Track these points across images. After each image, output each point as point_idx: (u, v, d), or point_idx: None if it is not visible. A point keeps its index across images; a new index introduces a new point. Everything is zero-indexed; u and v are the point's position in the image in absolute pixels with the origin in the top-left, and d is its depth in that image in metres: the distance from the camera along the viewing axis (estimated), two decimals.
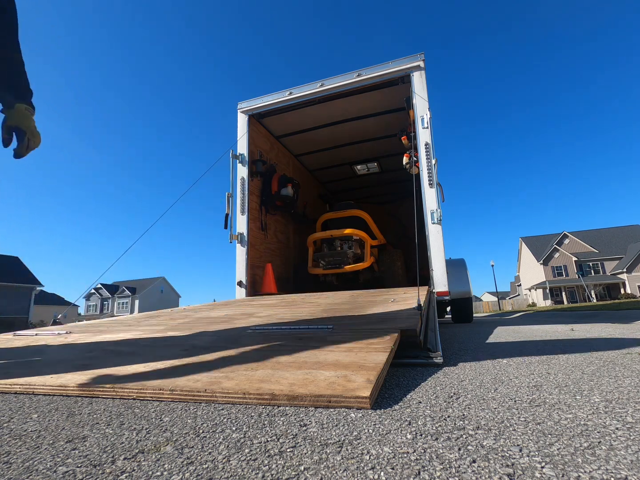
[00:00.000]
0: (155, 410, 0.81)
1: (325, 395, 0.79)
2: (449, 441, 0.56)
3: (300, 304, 2.65)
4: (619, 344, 1.82)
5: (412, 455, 0.51)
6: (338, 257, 4.39)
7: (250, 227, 4.27)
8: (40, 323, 22.70)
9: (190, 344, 1.42)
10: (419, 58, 3.79)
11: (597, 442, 0.54)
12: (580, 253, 40.24)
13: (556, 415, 0.68)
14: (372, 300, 2.44)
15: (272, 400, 0.82)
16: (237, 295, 4.04)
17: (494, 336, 2.60)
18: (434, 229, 3.30)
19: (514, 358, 1.45)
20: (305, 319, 1.89)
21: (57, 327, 2.26)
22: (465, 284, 5.13)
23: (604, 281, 37.88)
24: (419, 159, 3.58)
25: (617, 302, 15.90)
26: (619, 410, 0.70)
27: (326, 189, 7.41)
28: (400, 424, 0.65)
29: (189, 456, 0.53)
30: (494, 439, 0.57)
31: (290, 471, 0.47)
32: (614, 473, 0.44)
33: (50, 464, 0.52)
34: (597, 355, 1.45)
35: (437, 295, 3.10)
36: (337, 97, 4.40)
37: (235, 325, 1.84)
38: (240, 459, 0.51)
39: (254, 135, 4.64)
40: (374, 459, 0.50)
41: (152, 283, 46.16)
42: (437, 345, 1.44)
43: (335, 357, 1.09)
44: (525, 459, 0.49)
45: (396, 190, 7.25)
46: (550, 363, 1.29)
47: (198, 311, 2.66)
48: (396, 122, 4.96)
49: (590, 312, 7.59)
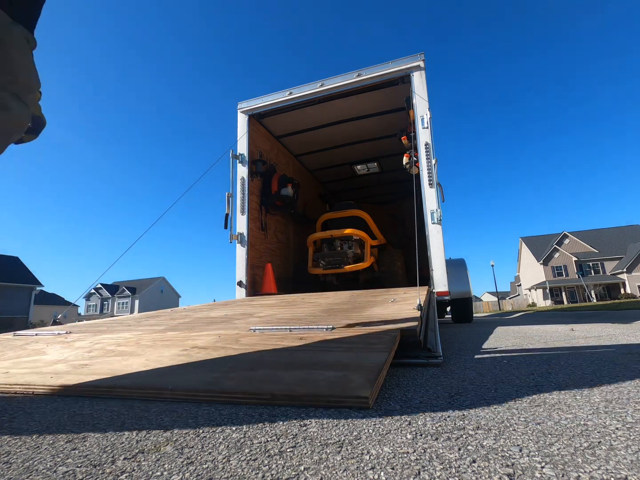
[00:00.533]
0: (156, 410, 0.81)
1: (325, 395, 0.79)
2: (449, 441, 0.56)
3: (300, 304, 2.65)
4: (619, 344, 1.82)
5: (412, 455, 0.51)
6: (338, 257, 4.39)
7: (250, 227, 4.27)
8: (40, 323, 22.69)
9: (190, 344, 1.42)
10: (419, 58, 3.79)
11: (597, 442, 0.54)
12: (580, 253, 40.24)
13: (556, 415, 0.68)
14: (372, 300, 2.44)
15: (272, 400, 0.82)
16: (237, 295, 4.04)
17: (494, 336, 2.60)
18: (434, 229, 3.30)
19: (514, 358, 1.45)
20: (305, 319, 1.89)
21: (57, 327, 2.26)
22: (465, 284, 5.13)
23: (604, 281, 37.88)
24: (419, 159, 3.58)
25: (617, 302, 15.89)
26: (619, 410, 0.70)
27: (326, 189, 7.41)
28: (401, 424, 0.65)
29: (189, 456, 0.53)
30: (494, 439, 0.57)
31: (290, 471, 0.47)
32: (614, 473, 0.44)
33: (50, 464, 0.52)
34: (597, 355, 1.45)
35: (437, 295, 3.10)
36: (337, 97, 4.40)
37: (235, 325, 1.84)
38: (241, 459, 0.51)
39: (254, 135, 4.64)
40: (374, 459, 0.50)
41: (152, 283, 46.15)
42: (437, 345, 1.44)
43: (335, 357, 1.09)
44: (525, 459, 0.49)
45: (396, 190, 7.24)
46: (550, 363, 1.29)
47: (198, 311, 2.66)
48: (396, 122, 4.95)
49: (590, 312, 7.59)
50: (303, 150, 5.87)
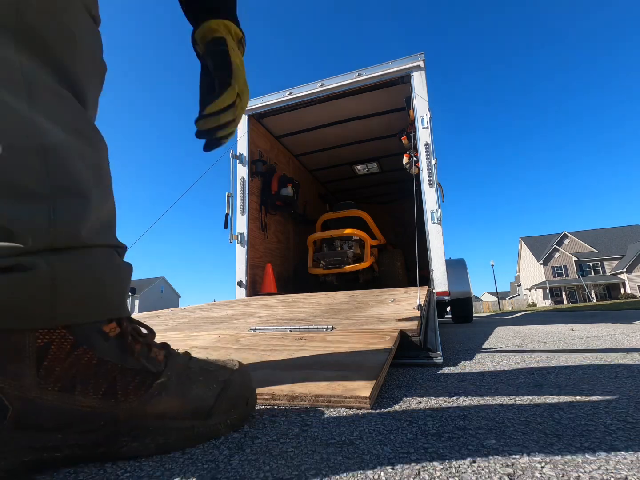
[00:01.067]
0: None
1: (325, 395, 0.79)
2: (449, 441, 0.56)
3: (300, 304, 2.65)
4: (620, 344, 1.83)
5: (412, 455, 0.51)
6: (338, 257, 4.40)
7: (250, 227, 4.28)
8: None
9: (190, 344, 1.42)
10: (419, 58, 3.79)
11: (597, 442, 0.54)
12: (580, 253, 40.23)
13: (557, 415, 0.68)
14: (372, 300, 2.44)
15: (272, 400, 0.82)
16: (237, 296, 4.04)
17: (494, 336, 2.60)
18: (434, 229, 3.30)
19: (514, 358, 1.45)
20: (305, 319, 1.89)
21: None
22: (465, 284, 5.13)
23: (604, 281, 37.88)
24: (419, 159, 3.58)
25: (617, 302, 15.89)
26: (619, 410, 0.70)
27: (326, 189, 7.41)
28: (401, 424, 0.65)
29: (190, 456, 0.53)
30: (494, 438, 0.57)
31: (291, 471, 0.47)
32: (614, 473, 0.44)
33: None
34: (598, 355, 1.45)
35: (437, 295, 3.10)
36: (337, 97, 4.41)
37: (235, 325, 1.84)
38: (242, 459, 0.51)
39: (253, 135, 4.64)
40: (374, 458, 0.50)
41: (152, 283, 46.12)
42: (437, 345, 1.44)
43: (335, 357, 1.09)
44: (525, 459, 0.49)
45: (396, 190, 7.24)
46: (550, 363, 1.29)
47: (198, 311, 2.66)
48: (396, 122, 4.96)
49: (590, 312, 7.59)
50: (303, 150, 5.87)
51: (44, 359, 0.46)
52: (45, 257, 0.45)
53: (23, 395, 0.44)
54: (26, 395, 0.44)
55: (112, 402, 0.49)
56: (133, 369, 0.52)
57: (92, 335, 0.50)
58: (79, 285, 0.48)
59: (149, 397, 0.52)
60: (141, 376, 0.53)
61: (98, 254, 0.52)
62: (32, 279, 0.44)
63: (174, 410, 0.54)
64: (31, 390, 0.45)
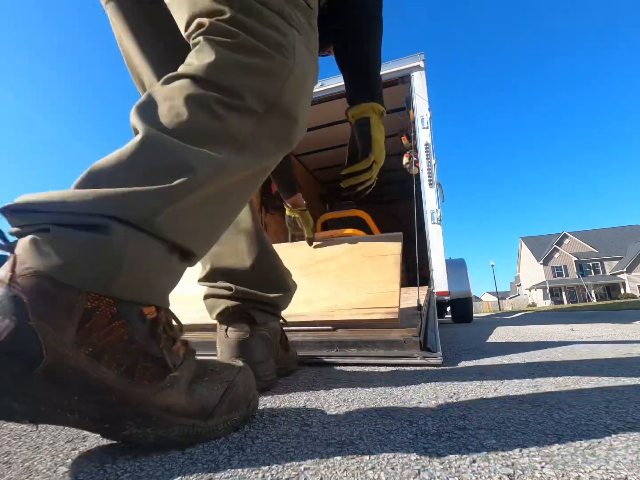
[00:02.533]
0: None
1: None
2: (449, 441, 0.56)
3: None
4: (620, 343, 1.82)
5: (412, 455, 0.51)
6: None
7: None
8: None
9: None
10: (418, 58, 3.79)
11: (597, 442, 0.54)
12: (580, 253, 40.21)
13: (557, 415, 0.68)
14: None
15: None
16: None
17: (494, 336, 2.60)
18: (434, 229, 3.30)
19: (514, 358, 1.45)
20: (305, 320, 1.89)
21: None
22: (465, 284, 5.12)
23: (604, 281, 37.88)
24: (419, 159, 3.58)
25: (617, 302, 15.88)
26: (619, 410, 0.70)
27: (326, 189, 7.41)
28: (401, 424, 0.65)
29: (190, 456, 0.53)
30: (494, 438, 0.57)
31: (290, 471, 0.47)
32: (614, 473, 0.44)
33: (50, 464, 0.52)
34: (598, 355, 1.45)
35: (437, 296, 3.10)
36: (337, 97, 4.40)
37: None
38: (242, 459, 0.51)
39: None
40: (374, 458, 0.50)
41: None
42: (437, 345, 1.44)
43: None
44: (525, 459, 0.49)
45: (396, 190, 7.24)
46: (550, 363, 1.29)
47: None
48: (396, 122, 4.95)
49: (590, 312, 7.59)
50: (303, 150, 5.87)
51: (86, 322, 0.48)
52: (125, 229, 0.48)
53: (60, 349, 0.46)
54: (62, 350, 0.46)
55: (128, 382, 0.50)
56: (154, 356, 0.54)
57: (132, 312, 0.52)
58: (140, 266, 0.51)
59: (159, 388, 0.53)
60: (158, 366, 0.54)
61: (163, 247, 0.54)
62: (108, 245, 0.47)
63: (179, 407, 0.55)
64: (67, 348, 0.47)
